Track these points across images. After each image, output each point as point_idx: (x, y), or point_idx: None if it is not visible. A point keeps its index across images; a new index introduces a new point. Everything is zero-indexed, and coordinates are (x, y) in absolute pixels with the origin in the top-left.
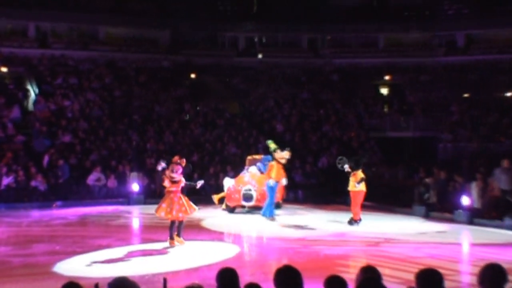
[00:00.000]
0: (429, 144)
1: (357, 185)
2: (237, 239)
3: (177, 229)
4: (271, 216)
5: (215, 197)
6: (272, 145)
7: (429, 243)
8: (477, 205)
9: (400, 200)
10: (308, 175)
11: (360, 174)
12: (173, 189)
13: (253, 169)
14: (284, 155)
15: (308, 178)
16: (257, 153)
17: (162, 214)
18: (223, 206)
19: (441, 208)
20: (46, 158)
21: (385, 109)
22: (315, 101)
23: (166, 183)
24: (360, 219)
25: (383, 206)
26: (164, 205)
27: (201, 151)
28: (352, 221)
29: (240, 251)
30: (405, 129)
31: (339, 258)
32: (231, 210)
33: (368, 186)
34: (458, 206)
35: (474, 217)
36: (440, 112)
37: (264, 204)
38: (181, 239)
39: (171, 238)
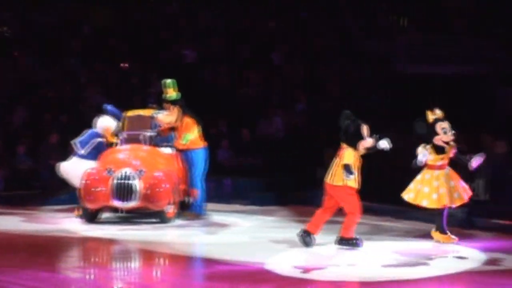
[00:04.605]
0: (479, 89)
1: (345, 177)
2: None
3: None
4: (200, 213)
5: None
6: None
7: None
8: None
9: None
10: (245, 148)
11: (349, 154)
12: (440, 163)
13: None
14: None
15: (244, 154)
16: (144, 104)
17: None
18: (76, 211)
19: (497, 209)
20: None
21: (400, 21)
22: None
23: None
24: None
25: (385, 207)
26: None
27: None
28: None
29: None
30: (436, 60)
31: None
32: (90, 216)
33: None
34: None
35: None
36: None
37: (160, 206)
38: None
39: (444, 231)
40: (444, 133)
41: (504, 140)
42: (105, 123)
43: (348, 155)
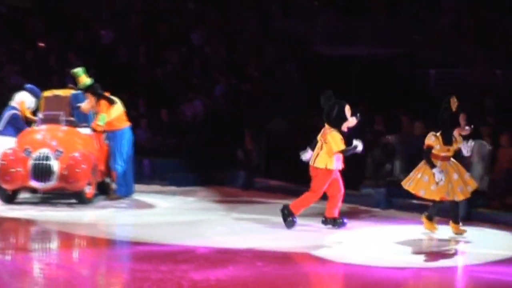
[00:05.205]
0: (396, 70)
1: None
2: None
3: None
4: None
5: None
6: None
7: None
8: (480, 184)
9: None
10: (163, 129)
11: (336, 139)
12: (444, 154)
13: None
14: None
15: (163, 135)
16: (62, 84)
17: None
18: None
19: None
20: None
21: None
22: None
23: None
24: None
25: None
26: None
27: None
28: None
29: None
30: (353, 42)
31: None
32: (7, 196)
33: None
34: None
35: (475, 206)
36: (422, 11)
37: (78, 186)
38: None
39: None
40: (465, 125)
41: (422, 121)
42: (20, 97)
43: (336, 141)
